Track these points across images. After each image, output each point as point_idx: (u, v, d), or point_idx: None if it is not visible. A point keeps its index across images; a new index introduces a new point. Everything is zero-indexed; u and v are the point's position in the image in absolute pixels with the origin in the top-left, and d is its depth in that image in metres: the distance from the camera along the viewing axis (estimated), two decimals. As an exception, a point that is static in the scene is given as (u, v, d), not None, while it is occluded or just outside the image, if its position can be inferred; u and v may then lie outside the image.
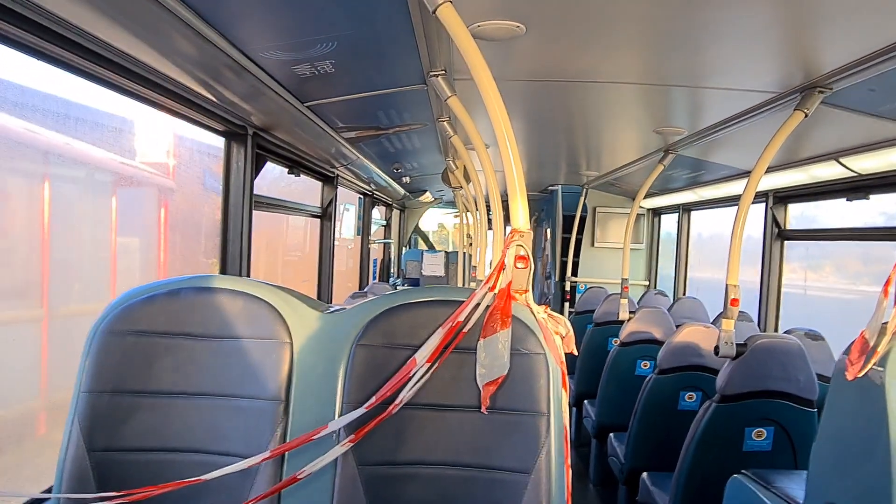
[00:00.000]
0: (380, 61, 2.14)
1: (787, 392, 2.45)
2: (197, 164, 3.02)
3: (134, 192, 2.76)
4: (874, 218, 3.35)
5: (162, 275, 2.67)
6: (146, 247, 2.78)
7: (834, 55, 1.89)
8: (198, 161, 3.02)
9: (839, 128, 2.56)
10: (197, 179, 3.04)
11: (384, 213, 7.67)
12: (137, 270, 2.75)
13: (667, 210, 6.10)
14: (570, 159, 4.76)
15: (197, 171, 3.03)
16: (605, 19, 1.78)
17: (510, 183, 1.43)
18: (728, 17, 1.69)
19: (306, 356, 1.49)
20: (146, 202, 2.79)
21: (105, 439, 1.42)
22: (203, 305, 1.50)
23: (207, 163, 2.98)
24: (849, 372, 1.53)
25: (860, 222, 3.39)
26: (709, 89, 2.39)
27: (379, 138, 3.47)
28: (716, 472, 2.39)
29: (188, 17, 1.54)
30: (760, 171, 2.41)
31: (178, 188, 2.93)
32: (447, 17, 1.46)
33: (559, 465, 1.40)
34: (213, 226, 2.80)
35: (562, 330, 1.44)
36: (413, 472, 1.42)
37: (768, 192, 3.77)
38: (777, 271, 3.85)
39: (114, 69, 1.72)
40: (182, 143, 2.95)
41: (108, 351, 1.45)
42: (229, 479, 1.37)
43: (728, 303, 2.53)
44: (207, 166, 2.99)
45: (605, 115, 3.09)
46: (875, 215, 3.32)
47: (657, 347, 3.32)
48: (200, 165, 3.02)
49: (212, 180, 2.98)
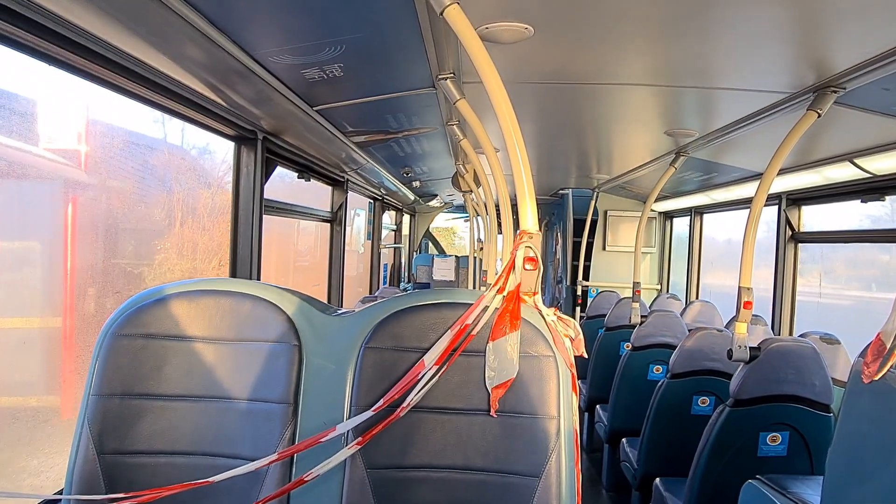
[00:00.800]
0: (388, 65, 2.14)
1: (802, 396, 2.42)
2: (133, 157, 2.56)
3: (27, 185, 2.13)
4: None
5: (69, 286, 2.19)
6: (46, 254, 2.18)
7: (847, 54, 1.86)
8: (133, 154, 2.57)
9: (853, 128, 2.53)
10: (131, 174, 2.57)
11: (394, 217, 7.68)
12: (37, 281, 2.17)
13: (678, 213, 6.06)
14: (580, 162, 4.74)
15: (133, 165, 2.57)
16: (614, 20, 1.76)
17: (519, 185, 1.43)
18: (739, 17, 1.68)
19: (315, 359, 1.48)
20: (44, 197, 2.18)
21: (115, 442, 1.43)
22: (212, 308, 1.50)
23: (146, 156, 2.67)
24: (865, 375, 1.50)
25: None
26: (720, 90, 2.37)
27: (388, 142, 3.48)
28: (730, 477, 2.36)
29: (199, 23, 1.55)
30: (773, 172, 2.38)
31: (97, 183, 2.38)
32: (455, 19, 1.46)
33: (570, 469, 1.39)
34: (156, 230, 2.60)
35: (571, 332, 1.43)
36: (422, 475, 1.41)
37: (781, 194, 3.74)
38: (791, 274, 3.80)
39: (125, 74, 1.73)
40: (106, 130, 2.39)
41: (117, 354, 1.46)
42: (238, 481, 1.37)
43: (741, 306, 2.50)
44: (146, 160, 2.67)
45: (615, 118, 3.08)
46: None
47: (669, 352, 3.29)
48: (138, 159, 2.60)
49: (153, 179, 2.72)
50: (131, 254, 2.54)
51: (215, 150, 3.04)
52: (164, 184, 2.84)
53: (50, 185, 2.17)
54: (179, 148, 2.94)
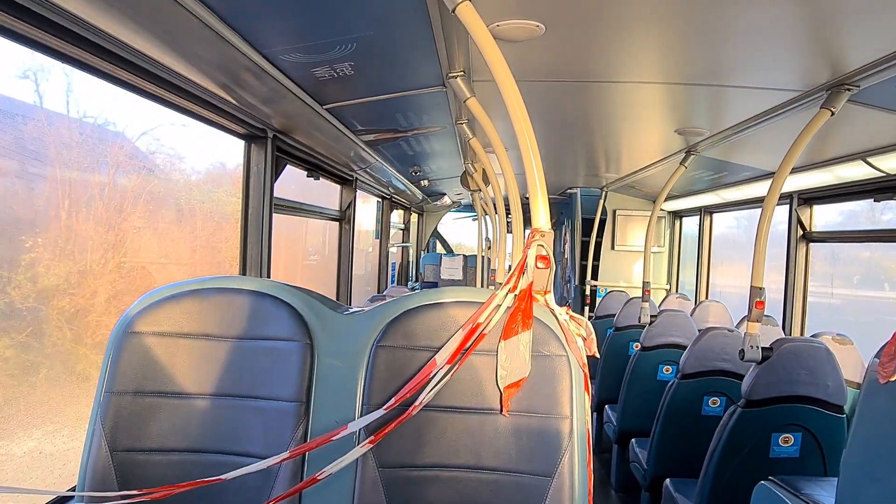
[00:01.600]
0: (398, 63, 2.14)
1: (815, 397, 2.40)
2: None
3: None
4: None
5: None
6: None
7: (861, 52, 1.85)
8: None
9: (866, 126, 2.51)
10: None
11: (402, 216, 7.68)
12: None
13: (688, 213, 6.03)
14: (589, 161, 4.72)
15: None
16: (625, 18, 1.75)
17: (531, 182, 1.42)
18: (751, 14, 1.66)
19: (326, 357, 1.48)
20: None
21: (127, 439, 1.43)
22: (224, 306, 1.50)
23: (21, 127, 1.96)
24: (881, 376, 1.48)
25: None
26: (731, 88, 2.35)
27: (397, 141, 3.48)
28: (742, 478, 2.35)
29: (210, 21, 1.55)
30: (785, 171, 2.36)
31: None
32: (467, 17, 1.45)
33: (582, 469, 1.38)
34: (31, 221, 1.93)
35: (583, 332, 1.42)
36: (434, 474, 1.40)
37: (793, 193, 3.71)
38: (802, 274, 3.78)
39: (135, 72, 1.74)
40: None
41: (130, 351, 1.47)
42: (250, 479, 1.37)
43: (753, 305, 2.48)
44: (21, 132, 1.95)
45: (625, 116, 3.06)
46: None
47: (679, 352, 3.27)
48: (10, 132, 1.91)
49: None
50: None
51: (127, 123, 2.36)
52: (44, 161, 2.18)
53: None
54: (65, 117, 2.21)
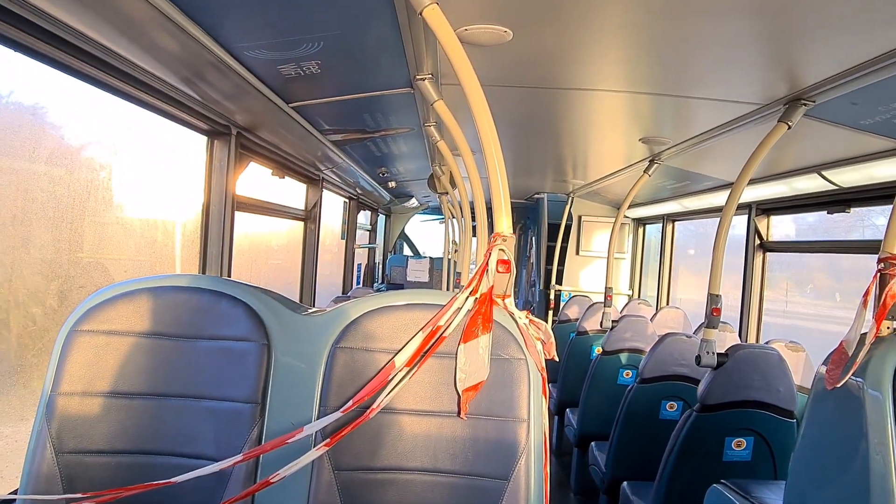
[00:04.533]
0: (366, 63, 2.13)
1: (767, 402, 2.46)
2: None
3: None
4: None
5: None
6: None
7: (817, 68, 1.91)
8: None
9: (822, 141, 2.59)
10: None
11: (370, 217, 7.65)
12: None
13: (651, 220, 6.14)
14: (555, 167, 4.78)
15: None
16: (592, 27, 1.78)
17: (494, 187, 1.43)
18: (714, 28, 1.70)
19: (284, 358, 1.46)
20: None
21: (74, 441, 1.39)
22: (179, 305, 1.47)
23: None
24: (828, 382, 1.53)
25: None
26: (694, 99, 2.40)
27: (365, 142, 3.46)
28: (696, 481, 2.39)
29: (171, 13, 1.52)
30: (743, 182, 2.43)
31: None
32: (434, 20, 1.45)
33: (538, 472, 1.39)
34: None
35: (542, 335, 1.43)
36: (391, 477, 1.40)
37: (751, 203, 3.81)
38: (759, 282, 3.88)
39: (93, 63, 1.69)
40: None
41: (79, 351, 1.42)
42: (202, 482, 1.34)
43: (710, 312, 2.54)
44: None
45: (591, 123, 3.10)
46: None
47: (639, 357, 3.33)
48: None
49: None
50: None
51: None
52: None
53: None
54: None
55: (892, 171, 2.53)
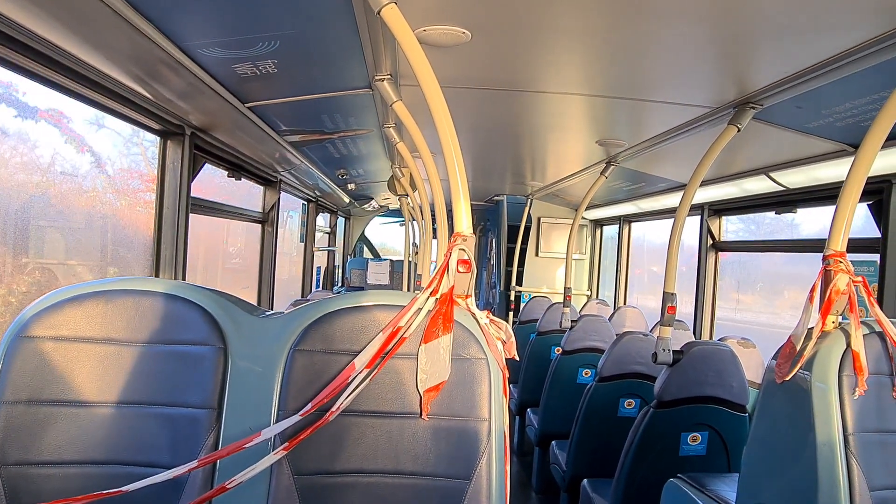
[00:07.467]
0: (324, 63, 2.10)
1: (721, 398, 2.53)
2: None
3: None
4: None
5: None
6: None
7: (765, 72, 1.97)
8: None
9: (769, 143, 2.68)
10: None
11: (329, 220, 7.57)
12: None
13: (608, 221, 6.25)
14: (514, 169, 4.82)
15: None
16: (549, 30, 1.80)
17: (454, 187, 1.43)
18: (667, 33, 1.74)
19: (241, 362, 1.43)
20: None
21: (18, 452, 1.33)
22: (131, 309, 1.42)
23: None
24: (777, 376, 1.58)
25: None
26: (648, 102, 2.45)
27: (323, 143, 3.42)
28: (653, 476, 2.44)
29: (121, 9, 1.47)
30: (696, 183, 2.49)
31: None
32: (392, 20, 1.44)
33: (499, 471, 1.39)
34: None
35: (503, 335, 1.44)
36: (351, 480, 1.38)
37: (703, 204, 3.91)
38: (712, 281, 3.99)
39: (39, 59, 1.62)
40: None
41: (24, 357, 1.36)
42: (156, 491, 1.29)
43: (665, 311, 2.59)
44: None
45: (549, 126, 3.14)
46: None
47: (598, 356, 3.37)
48: None
49: None
50: None
51: None
52: None
53: None
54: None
55: (835, 172, 2.63)
